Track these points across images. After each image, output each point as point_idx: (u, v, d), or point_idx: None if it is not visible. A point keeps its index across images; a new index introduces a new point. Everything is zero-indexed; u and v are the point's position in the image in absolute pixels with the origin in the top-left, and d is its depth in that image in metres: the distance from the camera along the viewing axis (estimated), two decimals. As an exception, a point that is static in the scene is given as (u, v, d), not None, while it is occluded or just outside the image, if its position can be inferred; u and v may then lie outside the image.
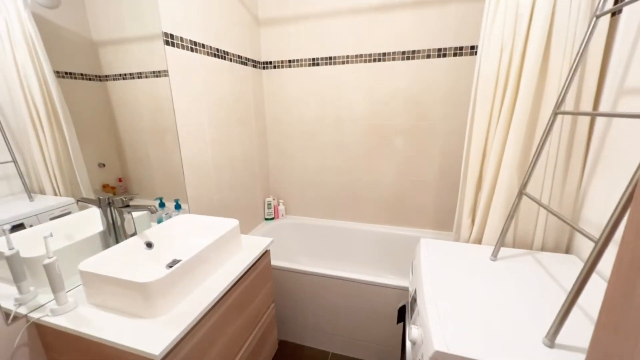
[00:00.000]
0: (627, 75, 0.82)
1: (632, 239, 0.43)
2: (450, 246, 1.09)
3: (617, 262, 0.46)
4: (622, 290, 0.45)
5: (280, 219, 2.11)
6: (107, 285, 0.76)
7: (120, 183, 1.13)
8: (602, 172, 0.91)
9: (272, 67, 1.90)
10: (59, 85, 0.90)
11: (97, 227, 0.98)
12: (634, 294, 0.43)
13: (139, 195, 1.17)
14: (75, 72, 0.96)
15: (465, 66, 1.56)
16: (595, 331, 0.50)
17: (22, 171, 0.83)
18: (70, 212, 0.95)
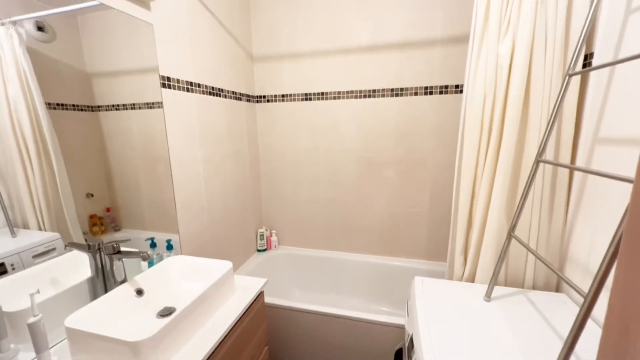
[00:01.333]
0: (600, 127, 0.89)
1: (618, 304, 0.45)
2: (445, 285, 1.10)
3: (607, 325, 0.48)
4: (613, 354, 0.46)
5: (273, 249, 2.08)
6: (95, 342, 0.73)
7: (108, 213, 1.11)
8: (585, 213, 0.95)
9: (265, 100, 1.95)
10: (50, 116, 0.90)
11: (85, 270, 0.95)
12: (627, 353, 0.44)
13: (127, 228, 1.15)
14: (67, 103, 0.96)
15: (450, 103, 1.64)
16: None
17: (5, 204, 0.81)
18: (55, 248, 0.92)
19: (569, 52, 0.94)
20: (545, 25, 0.94)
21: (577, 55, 0.82)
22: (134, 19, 1.06)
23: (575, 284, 0.66)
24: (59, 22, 0.90)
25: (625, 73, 0.81)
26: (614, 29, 0.85)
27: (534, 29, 0.93)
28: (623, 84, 0.82)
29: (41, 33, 0.86)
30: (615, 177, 0.60)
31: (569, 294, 1.02)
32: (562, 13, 0.92)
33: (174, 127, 1.26)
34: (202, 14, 1.41)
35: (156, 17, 1.14)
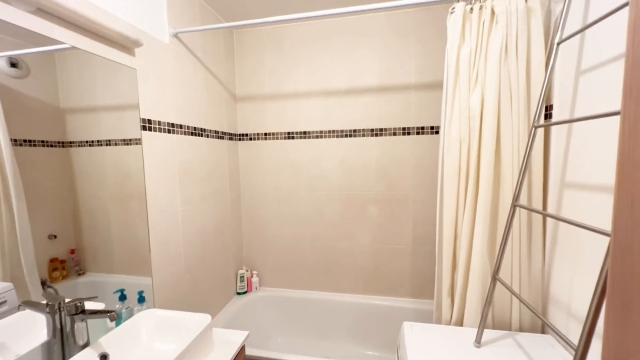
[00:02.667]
0: (565, 175, 0.95)
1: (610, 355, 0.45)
2: (434, 330, 1.07)
3: None
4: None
5: (254, 292, 1.97)
6: None
7: (72, 255, 1.01)
8: (560, 254, 0.99)
9: (248, 138, 1.96)
10: (15, 153, 0.83)
11: (40, 332, 0.84)
12: None
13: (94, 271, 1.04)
14: (36, 139, 0.90)
15: (427, 143, 1.72)
16: None
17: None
18: (5, 301, 0.80)
19: (532, 104, 1.03)
20: (509, 80, 1.03)
21: (539, 109, 0.91)
22: (115, 63, 1.05)
23: (560, 331, 0.66)
24: (35, 58, 0.87)
25: (581, 125, 0.89)
26: (568, 86, 0.95)
27: (500, 83, 1.03)
28: (580, 135, 0.90)
29: (14, 69, 0.83)
30: (594, 229, 0.63)
31: (554, 336, 1.03)
32: (522, 70, 1.02)
33: (153, 167, 1.22)
34: (188, 58, 1.44)
35: (140, 62, 1.14)
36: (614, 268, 0.45)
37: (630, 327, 0.42)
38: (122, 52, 1.06)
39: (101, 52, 0.99)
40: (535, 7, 1.00)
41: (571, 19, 0.91)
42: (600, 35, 0.82)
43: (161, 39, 1.26)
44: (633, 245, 0.41)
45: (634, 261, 0.41)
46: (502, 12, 1.02)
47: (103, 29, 0.94)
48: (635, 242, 0.41)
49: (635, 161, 0.40)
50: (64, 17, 0.86)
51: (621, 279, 0.44)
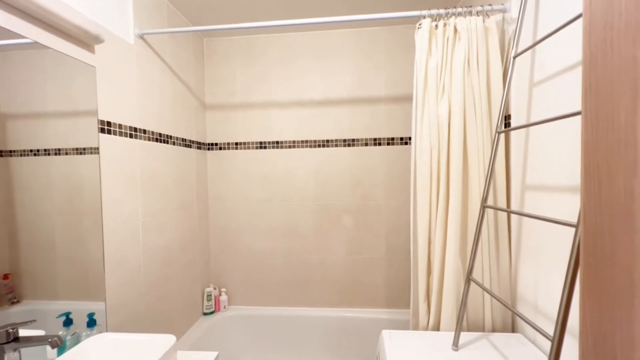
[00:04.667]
0: (526, 177, 1.03)
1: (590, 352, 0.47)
2: (412, 337, 1.06)
3: None
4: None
5: (222, 311, 1.83)
6: None
7: (5, 281, 0.85)
8: (525, 254, 1.05)
9: (217, 148, 1.88)
10: None
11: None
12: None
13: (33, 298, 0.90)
14: None
15: (397, 153, 1.78)
16: None
17: None
18: None
19: (493, 113, 1.11)
20: (472, 90, 1.11)
21: (501, 116, 0.98)
22: (71, 59, 0.96)
23: (532, 322, 0.68)
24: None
25: (537, 133, 0.97)
26: (524, 97, 1.04)
27: (464, 93, 1.10)
28: (536, 141, 0.98)
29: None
30: (560, 222, 0.67)
31: (524, 334, 1.07)
32: (483, 82, 1.11)
33: (111, 175, 1.11)
34: (155, 61, 1.37)
35: (101, 60, 1.06)
36: (585, 253, 0.47)
37: (605, 311, 0.44)
38: (79, 47, 0.98)
39: (54, 44, 0.91)
40: (492, 26, 1.11)
41: (524, 36, 1.01)
42: (547, 53, 0.92)
43: (125, 39, 1.19)
44: (603, 229, 0.43)
45: (604, 243, 0.43)
46: (463, 29, 1.11)
47: (58, 19, 0.86)
48: (605, 225, 0.43)
49: (599, 149, 0.44)
50: (10, 2, 0.78)
51: (593, 263, 0.46)
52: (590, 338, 0.47)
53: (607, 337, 0.44)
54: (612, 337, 0.43)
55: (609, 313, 0.44)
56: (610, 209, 0.43)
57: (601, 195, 0.44)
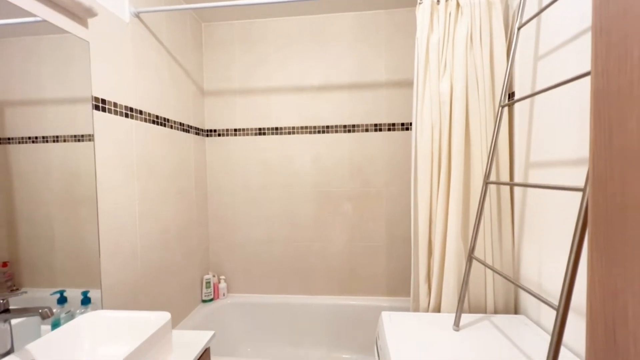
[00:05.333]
0: (530, 153, 1.00)
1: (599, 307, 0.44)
2: (412, 318, 1.04)
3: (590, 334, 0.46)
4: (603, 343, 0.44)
5: (221, 299, 1.82)
6: None
7: (4, 269, 0.84)
8: (529, 234, 1.02)
9: (216, 134, 1.86)
10: None
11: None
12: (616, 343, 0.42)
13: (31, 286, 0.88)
14: None
15: (398, 139, 1.75)
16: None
17: None
18: None
19: (496, 89, 1.08)
20: (474, 66, 1.08)
21: (505, 89, 0.95)
22: (64, 39, 0.94)
23: (535, 292, 0.66)
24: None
25: (540, 106, 0.94)
26: (528, 71, 1.01)
27: (467, 69, 1.07)
28: (540, 114, 0.95)
29: None
30: (566, 187, 0.64)
31: (527, 315, 1.04)
32: (486, 57, 1.08)
33: (106, 157, 1.09)
34: (151, 42, 1.34)
35: (94, 35, 1.04)
36: (594, 206, 0.45)
37: (615, 266, 0.42)
38: (72, 20, 0.96)
39: (46, 15, 0.88)
40: (495, 0, 1.07)
41: (529, 8, 0.98)
42: (553, 21, 0.89)
43: (120, 16, 1.16)
44: (614, 175, 0.41)
45: (615, 192, 0.41)
46: (466, 4, 1.08)
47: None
48: (615, 172, 0.40)
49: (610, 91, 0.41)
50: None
51: (602, 217, 0.44)
52: (599, 296, 0.44)
53: (617, 294, 0.41)
54: (623, 293, 0.41)
55: (620, 268, 0.41)
56: (621, 153, 0.40)
57: (612, 140, 0.41)
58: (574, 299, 0.66)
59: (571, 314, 0.78)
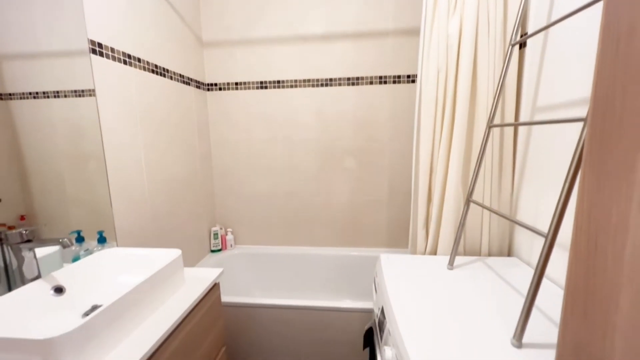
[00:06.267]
0: (537, 98, 0.97)
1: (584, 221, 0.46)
2: (410, 259, 1.10)
3: (574, 249, 0.49)
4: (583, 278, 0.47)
5: (229, 249, 1.92)
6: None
7: (22, 222, 0.89)
8: (528, 179, 1.03)
9: (217, 88, 1.83)
10: None
11: (-20, 273, 0.74)
12: (595, 279, 0.45)
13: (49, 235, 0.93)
14: None
15: (404, 92, 1.71)
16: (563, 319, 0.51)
17: None
18: None
19: (507, 30, 1.02)
20: (487, 5, 1.01)
21: (517, 27, 0.90)
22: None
23: (535, 227, 0.68)
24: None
25: (552, 48, 0.90)
26: (544, 9, 0.94)
27: (478, 7, 1.00)
28: (551, 55, 0.91)
29: None
30: (570, 120, 0.64)
31: (519, 257, 1.09)
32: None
33: (108, 108, 1.09)
34: (142, -18, 1.27)
35: (83, -28, 0.98)
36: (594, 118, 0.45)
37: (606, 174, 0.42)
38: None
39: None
40: None
41: None
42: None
43: (109, -49, 1.09)
44: (615, 88, 0.40)
45: (615, 106, 0.40)
46: None
47: None
48: (618, 86, 0.40)
49: None
50: None
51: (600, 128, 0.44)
52: (586, 208, 0.46)
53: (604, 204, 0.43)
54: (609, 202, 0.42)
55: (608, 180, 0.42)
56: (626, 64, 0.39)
57: (618, 50, 0.40)
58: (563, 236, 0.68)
59: (557, 249, 0.81)
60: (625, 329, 0.40)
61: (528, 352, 0.62)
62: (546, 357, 0.60)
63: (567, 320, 0.50)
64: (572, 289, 0.49)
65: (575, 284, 0.48)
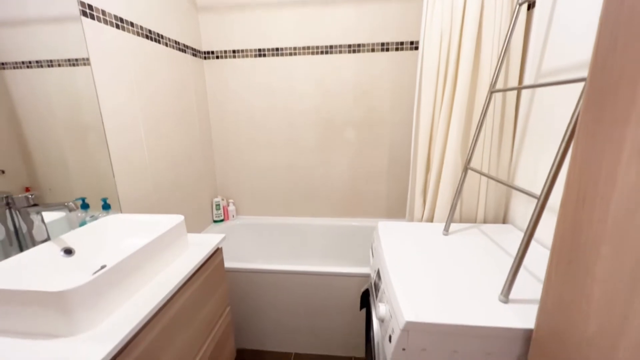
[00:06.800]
0: (543, 62, 0.94)
1: (576, 176, 0.47)
2: (406, 226, 1.12)
3: (564, 204, 0.50)
4: (570, 230, 0.49)
5: (231, 220, 1.97)
6: (4, 300, 0.59)
7: (27, 193, 0.91)
8: (528, 148, 1.03)
9: (214, 57, 1.77)
10: None
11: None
12: (581, 232, 0.47)
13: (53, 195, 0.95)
14: None
15: (406, 60, 1.65)
16: (547, 273, 0.54)
17: None
18: None
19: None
20: (496, -39, 0.95)
21: (525, -16, 0.85)
22: None
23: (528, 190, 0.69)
24: None
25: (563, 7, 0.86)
26: (556, -36, 0.89)
27: (486, -37, 0.95)
28: (559, 17, 0.87)
29: None
30: (573, 80, 0.62)
31: (514, 224, 1.11)
32: (510, -51, 0.94)
33: (106, 78, 1.07)
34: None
35: None
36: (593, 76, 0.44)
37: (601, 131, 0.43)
38: None
39: None
40: None
41: None
42: None
43: None
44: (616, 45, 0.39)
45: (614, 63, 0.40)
46: None
47: None
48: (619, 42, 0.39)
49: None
50: None
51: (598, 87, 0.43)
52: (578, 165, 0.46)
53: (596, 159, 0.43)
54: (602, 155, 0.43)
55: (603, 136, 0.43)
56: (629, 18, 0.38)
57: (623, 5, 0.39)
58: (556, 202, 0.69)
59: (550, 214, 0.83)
60: (603, 277, 0.42)
61: (514, 307, 0.66)
62: (531, 311, 0.63)
63: (552, 273, 0.53)
64: (559, 243, 0.51)
65: (562, 238, 0.50)
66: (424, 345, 0.64)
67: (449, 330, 0.62)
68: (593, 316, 0.43)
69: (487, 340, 0.62)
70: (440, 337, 0.63)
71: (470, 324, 0.61)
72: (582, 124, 0.46)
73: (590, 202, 0.43)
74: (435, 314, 0.64)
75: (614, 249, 0.40)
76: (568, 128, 0.57)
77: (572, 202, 0.46)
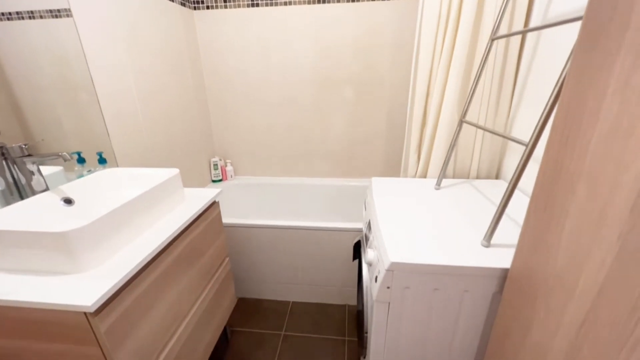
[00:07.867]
0: (550, 8, 0.89)
1: (561, 118, 0.47)
2: (400, 181, 1.14)
3: (548, 146, 0.50)
4: (551, 171, 0.50)
5: (230, 179, 1.99)
6: (13, 242, 0.62)
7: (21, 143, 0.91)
8: (528, 100, 1.00)
9: (204, 6, 1.67)
10: None
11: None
12: (560, 172, 0.48)
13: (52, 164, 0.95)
14: None
15: (408, 11, 1.55)
16: (527, 215, 0.56)
17: None
18: None
19: None
20: None
21: None
22: None
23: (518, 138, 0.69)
24: None
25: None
26: None
27: None
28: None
29: None
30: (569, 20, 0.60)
31: (507, 180, 1.13)
32: None
33: (90, 30, 1.03)
34: None
35: None
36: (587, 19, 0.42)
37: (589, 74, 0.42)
38: None
39: None
40: None
41: None
42: None
43: None
44: None
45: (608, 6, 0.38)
46: None
47: None
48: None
49: None
50: None
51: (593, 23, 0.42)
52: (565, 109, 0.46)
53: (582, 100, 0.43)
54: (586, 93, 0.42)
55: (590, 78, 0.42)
56: None
57: None
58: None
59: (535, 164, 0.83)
60: (575, 215, 0.44)
61: (494, 250, 0.69)
62: (510, 254, 0.67)
63: (530, 217, 0.55)
64: (539, 190, 0.52)
65: (542, 184, 0.51)
66: (408, 284, 0.68)
67: (431, 270, 0.66)
68: (562, 252, 0.46)
69: (466, 279, 0.66)
70: (423, 276, 0.67)
71: (451, 264, 0.65)
72: (573, 63, 0.45)
73: (572, 141, 0.44)
74: (420, 255, 0.68)
75: (589, 186, 0.41)
76: (561, 74, 0.56)
77: (556, 143, 0.46)
